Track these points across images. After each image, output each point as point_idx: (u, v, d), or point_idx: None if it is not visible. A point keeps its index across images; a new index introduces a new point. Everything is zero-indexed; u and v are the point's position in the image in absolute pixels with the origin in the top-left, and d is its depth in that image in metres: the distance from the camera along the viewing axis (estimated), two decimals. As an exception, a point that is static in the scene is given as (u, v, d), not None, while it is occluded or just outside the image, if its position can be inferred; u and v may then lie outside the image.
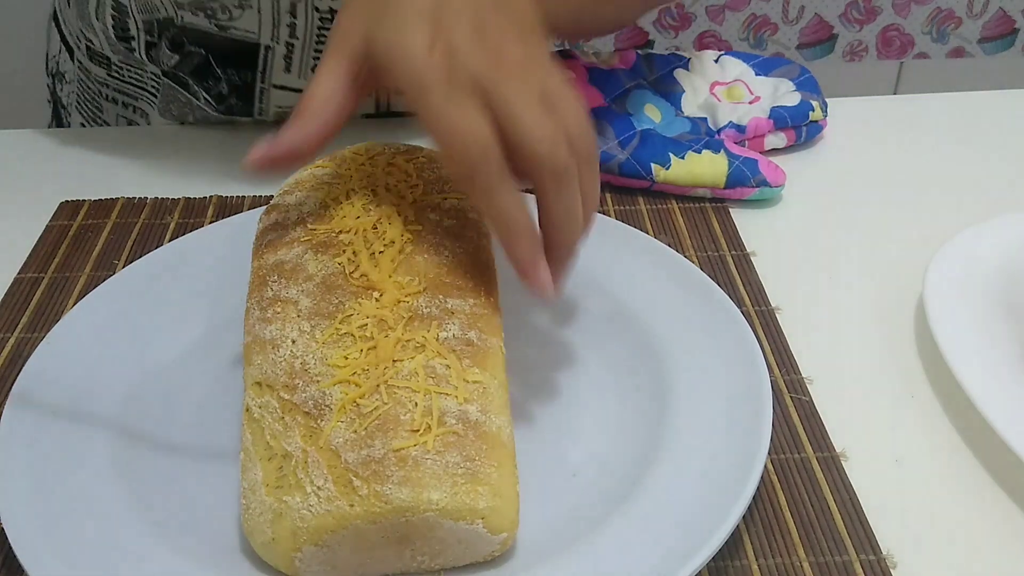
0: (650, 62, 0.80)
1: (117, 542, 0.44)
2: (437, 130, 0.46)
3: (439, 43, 0.46)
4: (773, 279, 0.63)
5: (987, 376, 0.52)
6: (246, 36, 0.76)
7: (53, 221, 0.69)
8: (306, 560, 0.42)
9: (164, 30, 0.76)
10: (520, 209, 0.47)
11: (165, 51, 0.77)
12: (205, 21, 0.75)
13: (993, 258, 0.61)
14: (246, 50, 0.76)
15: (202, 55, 0.77)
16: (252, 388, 0.45)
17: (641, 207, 0.70)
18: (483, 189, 0.46)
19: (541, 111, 0.46)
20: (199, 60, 0.77)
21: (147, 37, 0.77)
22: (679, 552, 0.42)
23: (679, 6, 1.86)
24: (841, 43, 1.94)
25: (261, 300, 0.48)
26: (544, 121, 0.46)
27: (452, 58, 0.46)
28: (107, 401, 0.51)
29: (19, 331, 0.59)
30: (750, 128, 0.74)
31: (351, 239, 0.49)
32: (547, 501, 0.47)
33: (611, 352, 0.55)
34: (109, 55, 0.81)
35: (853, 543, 0.47)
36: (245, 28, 0.75)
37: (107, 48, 0.81)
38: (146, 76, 0.81)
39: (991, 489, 0.50)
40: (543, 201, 0.47)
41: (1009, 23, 1.94)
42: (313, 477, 0.41)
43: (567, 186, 0.47)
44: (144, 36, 0.77)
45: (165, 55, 0.78)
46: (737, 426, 0.48)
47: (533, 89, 0.46)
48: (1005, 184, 0.73)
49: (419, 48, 0.46)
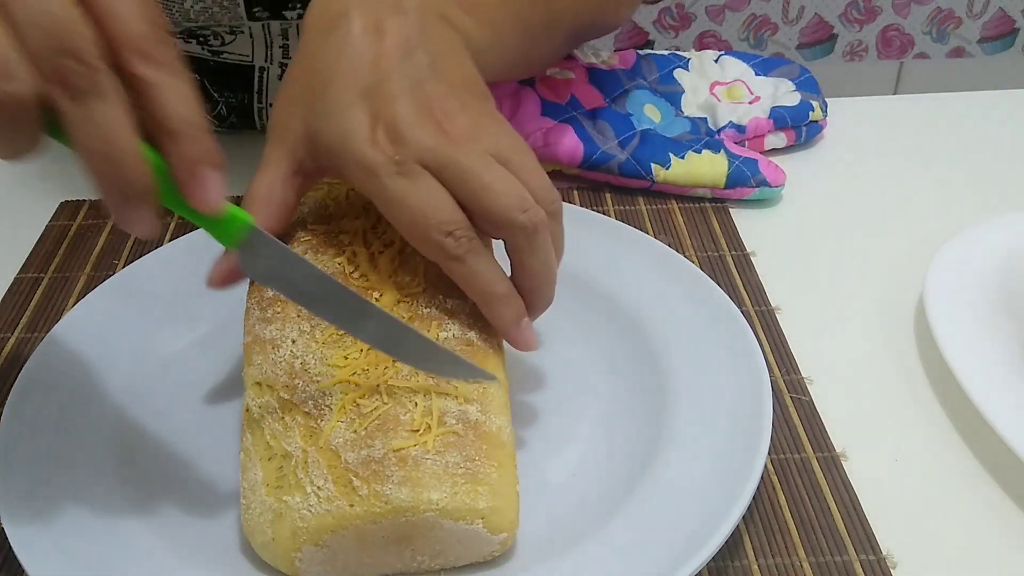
0: (650, 62, 0.80)
1: (117, 542, 0.44)
2: (395, 213, 0.45)
3: (380, 124, 0.45)
4: (773, 279, 0.63)
5: (987, 376, 0.52)
6: (240, 60, 0.75)
7: (53, 221, 0.69)
8: (306, 560, 0.41)
9: None
10: (496, 273, 0.46)
11: None
12: (198, 47, 0.74)
13: (993, 258, 0.61)
14: (241, 72, 0.76)
15: (197, 80, 0.77)
16: (252, 388, 0.45)
17: (641, 207, 0.70)
18: (454, 260, 0.45)
19: (500, 172, 0.45)
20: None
21: None
22: (679, 552, 0.42)
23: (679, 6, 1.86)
24: (841, 43, 1.93)
25: (261, 300, 0.48)
26: (505, 181, 0.45)
27: (396, 137, 0.45)
28: (107, 401, 0.51)
29: (19, 331, 0.59)
30: (750, 128, 0.74)
31: (351, 239, 0.49)
32: (547, 501, 0.47)
33: (611, 352, 0.55)
34: None
35: (853, 543, 0.47)
36: (239, 52, 0.75)
37: None
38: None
39: (991, 489, 0.50)
40: (518, 259, 0.47)
41: (1009, 23, 1.94)
42: (313, 477, 0.41)
43: (543, 242, 0.46)
44: None
45: None
46: (737, 426, 0.48)
47: (486, 151, 0.45)
48: (1005, 184, 0.73)
49: (361, 133, 0.45)
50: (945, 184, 0.73)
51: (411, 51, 0.48)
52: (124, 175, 0.35)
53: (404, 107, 0.45)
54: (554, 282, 0.48)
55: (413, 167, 0.44)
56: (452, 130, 0.45)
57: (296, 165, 0.47)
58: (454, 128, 0.46)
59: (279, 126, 0.48)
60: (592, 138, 0.70)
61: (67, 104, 0.33)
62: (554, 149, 0.70)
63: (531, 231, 0.45)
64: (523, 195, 0.45)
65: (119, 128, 0.34)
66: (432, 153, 0.44)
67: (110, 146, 0.34)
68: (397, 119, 0.45)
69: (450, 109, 0.46)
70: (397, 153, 0.44)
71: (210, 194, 0.38)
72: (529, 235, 0.45)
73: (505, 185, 0.45)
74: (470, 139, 0.46)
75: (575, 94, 0.74)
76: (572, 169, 0.71)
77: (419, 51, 0.48)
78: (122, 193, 0.35)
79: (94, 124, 0.34)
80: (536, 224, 0.45)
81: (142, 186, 0.35)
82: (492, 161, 0.45)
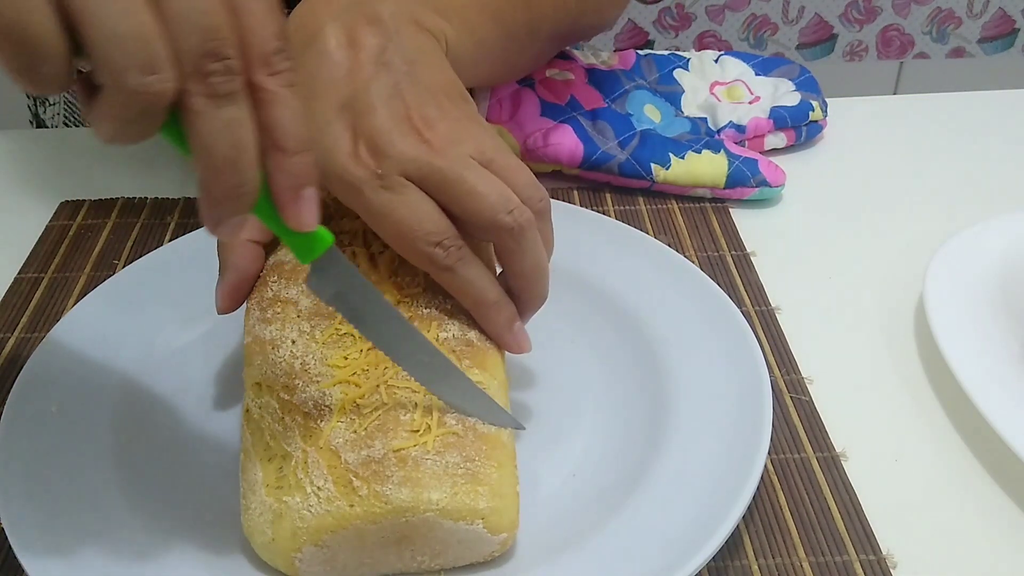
0: (650, 62, 0.80)
1: (117, 542, 0.44)
2: (382, 226, 0.45)
3: (361, 138, 0.45)
4: (773, 279, 0.63)
5: (987, 376, 0.52)
6: None
7: (53, 221, 0.69)
8: (306, 560, 0.41)
9: None
10: (485, 279, 0.46)
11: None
12: None
13: (993, 258, 0.61)
14: None
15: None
16: (252, 388, 0.45)
17: (641, 207, 0.70)
18: (444, 270, 0.45)
19: (483, 174, 0.45)
20: None
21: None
22: (679, 552, 0.42)
23: (679, 6, 1.86)
24: (841, 43, 1.93)
25: (261, 300, 0.48)
26: (489, 183, 0.45)
27: (377, 151, 0.45)
28: (107, 401, 0.51)
29: (19, 331, 0.59)
30: (750, 128, 0.74)
31: (351, 239, 0.49)
32: (547, 501, 0.47)
33: (611, 352, 0.55)
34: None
35: (853, 543, 0.46)
36: None
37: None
38: None
39: (991, 489, 0.50)
40: (509, 261, 0.47)
41: (1009, 23, 1.94)
42: (313, 477, 0.41)
43: (532, 242, 0.46)
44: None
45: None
46: (737, 426, 0.48)
47: (468, 155, 0.45)
48: (1005, 184, 0.73)
49: (342, 149, 0.45)
50: (945, 184, 0.73)
51: (387, 60, 0.48)
52: (240, 181, 0.35)
53: (383, 118, 0.46)
54: (547, 280, 0.48)
55: (396, 180, 0.44)
56: (432, 137, 0.46)
57: None
58: (434, 135, 0.46)
59: None
60: (592, 138, 0.70)
61: (202, 104, 0.33)
62: (554, 149, 0.70)
63: (518, 232, 0.45)
64: (507, 196, 0.45)
65: (247, 135, 0.34)
66: (414, 163, 0.45)
67: (237, 151, 0.34)
68: (377, 132, 0.45)
69: (429, 116, 0.46)
70: (379, 167, 0.45)
71: (307, 213, 0.37)
72: (516, 236, 0.45)
73: (488, 187, 0.45)
74: (451, 144, 0.46)
75: (575, 95, 0.74)
76: (572, 169, 0.71)
77: (395, 59, 0.48)
78: (231, 198, 0.35)
79: (225, 128, 0.34)
80: (523, 224, 0.45)
81: (252, 194, 0.35)
82: (474, 164, 0.45)
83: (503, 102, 0.73)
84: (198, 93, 0.33)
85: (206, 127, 0.33)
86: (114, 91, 0.31)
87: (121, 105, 0.32)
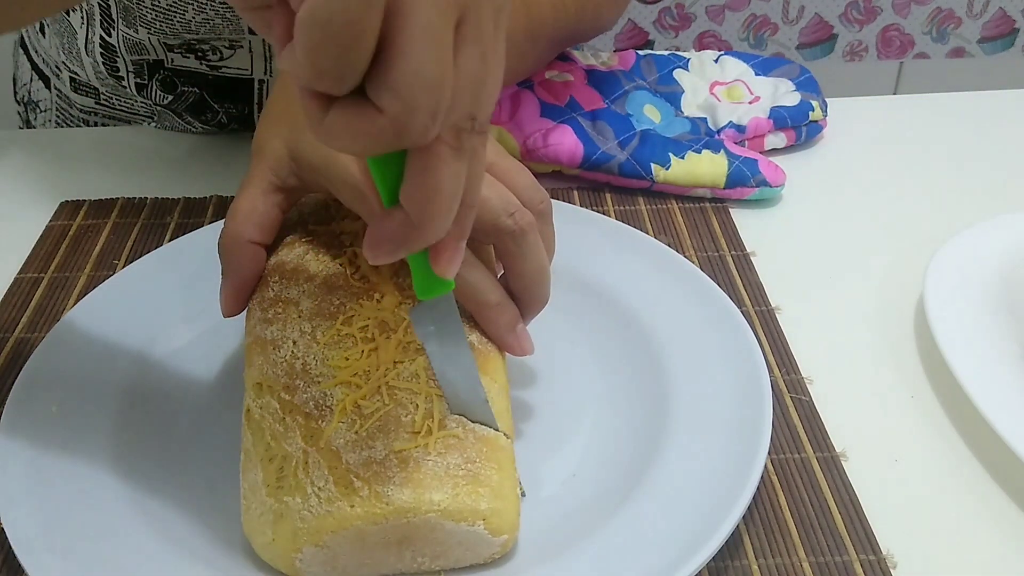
0: (650, 62, 0.80)
1: (117, 542, 0.44)
2: None
3: None
4: (773, 279, 0.63)
5: (987, 376, 0.52)
6: (239, 74, 0.75)
7: (53, 221, 0.69)
8: (306, 561, 0.41)
9: (155, 72, 0.76)
10: (487, 282, 0.46)
11: (158, 91, 0.77)
12: (196, 62, 0.74)
13: (993, 258, 0.61)
14: (240, 86, 0.76)
15: (196, 93, 0.77)
16: (252, 389, 0.45)
17: (641, 207, 0.70)
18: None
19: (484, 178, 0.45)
20: (194, 98, 0.77)
21: (136, 79, 0.77)
22: (679, 552, 0.42)
23: (679, 6, 1.86)
24: (841, 43, 1.93)
25: (262, 301, 0.48)
26: (490, 187, 0.45)
27: None
28: (107, 401, 0.51)
29: (19, 331, 0.59)
30: (750, 128, 0.74)
31: (351, 240, 0.49)
32: (547, 502, 0.47)
33: (611, 352, 0.55)
34: (97, 87, 0.81)
35: (853, 543, 0.47)
36: (237, 67, 0.75)
37: (95, 80, 0.80)
38: (137, 104, 0.81)
39: (991, 489, 0.50)
40: (510, 263, 0.47)
41: (1009, 23, 1.94)
42: (314, 478, 0.41)
43: (533, 244, 0.46)
44: (134, 78, 0.77)
45: (158, 95, 0.77)
46: (737, 426, 0.48)
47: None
48: (1005, 184, 0.73)
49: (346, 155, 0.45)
50: (945, 184, 0.73)
51: None
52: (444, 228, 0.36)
53: None
54: (548, 282, 0.48)
55: None
56: None
57: (279, 183, 0.48)
58: None
59: (263, 146, 0.49)
60: (592, 139, 0.70)
61: (447, 154, 0.34)
62: (554, 150, 0.70)
63: (519, 234, 0.46)
64: (508, 199, 0.45)
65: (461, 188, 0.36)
66: None
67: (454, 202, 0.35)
68: None
69: None
70: None
71: (456, 263, 0.39)
72: (517, 238, 0.46)
73: (489, 190, 0.45)
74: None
75: (574, 96, 0.74)
76: (572, 169, 0.71)
77: None
78: (424, 241, 0.36)
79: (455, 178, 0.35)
80: (523, 227, 0.46)
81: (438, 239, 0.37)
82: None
83: (502, 103, 0.73)
84: (448, 143, 0.34)
85: (442, 174, 0.34)
86: (391, 120, 0.31)
87: (387, 132, 0.32)
